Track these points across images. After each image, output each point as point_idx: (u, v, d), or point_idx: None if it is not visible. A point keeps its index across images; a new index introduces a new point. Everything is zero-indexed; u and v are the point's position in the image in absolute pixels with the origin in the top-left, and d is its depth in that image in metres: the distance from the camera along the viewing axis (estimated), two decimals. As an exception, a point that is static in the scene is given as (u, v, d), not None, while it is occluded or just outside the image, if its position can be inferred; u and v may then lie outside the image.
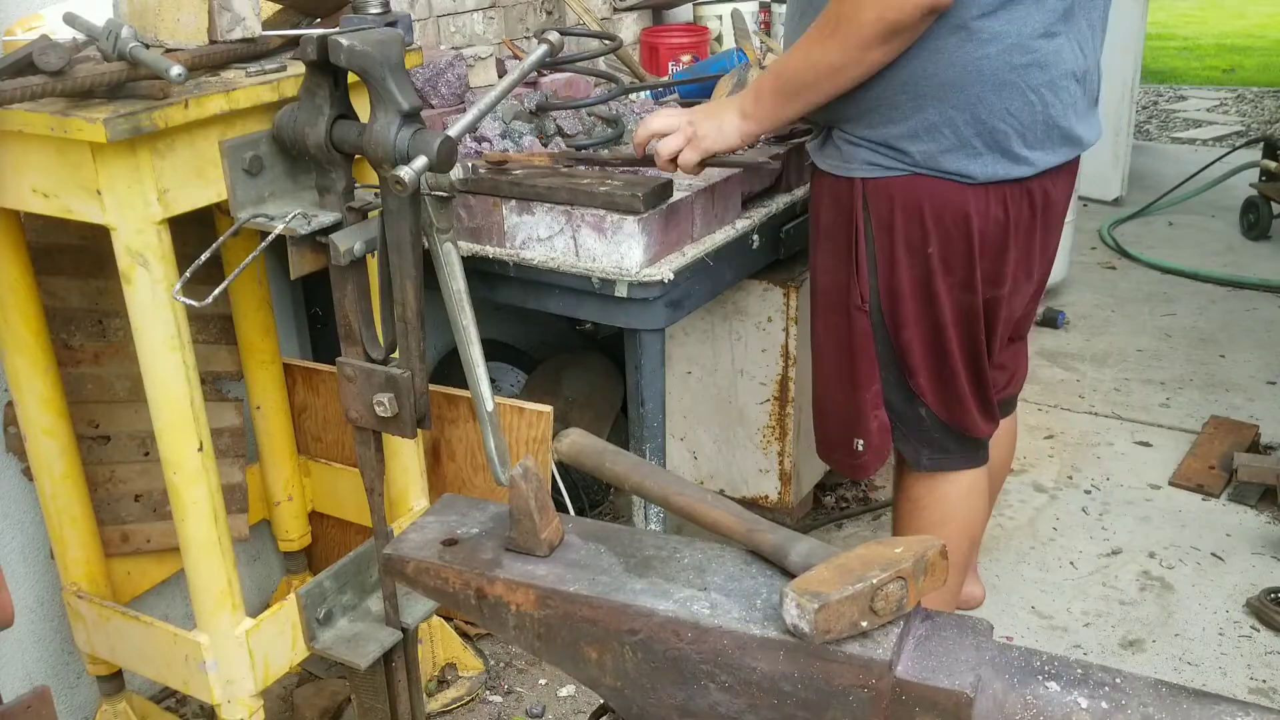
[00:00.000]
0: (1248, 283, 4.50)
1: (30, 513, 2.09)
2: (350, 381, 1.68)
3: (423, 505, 2.16)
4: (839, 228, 1.89)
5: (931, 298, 1.85)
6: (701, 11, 3.52)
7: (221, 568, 1.73)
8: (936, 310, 1.86)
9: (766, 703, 0.99)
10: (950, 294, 1.85)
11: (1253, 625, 2.53)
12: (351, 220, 1.64)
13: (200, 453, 1.66)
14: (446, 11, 2.81)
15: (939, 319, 1.86)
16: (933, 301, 1.85)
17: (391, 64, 1.49)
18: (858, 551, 1.00)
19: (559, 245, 2.02)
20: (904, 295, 1.85)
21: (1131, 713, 0.92)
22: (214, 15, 1.61)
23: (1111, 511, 2.99)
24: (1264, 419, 3.39)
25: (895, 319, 1.88)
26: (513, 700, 2.35)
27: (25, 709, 1.17)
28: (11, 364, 1.83)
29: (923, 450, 2.01)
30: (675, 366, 2.77)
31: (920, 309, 1.86)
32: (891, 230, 1.82)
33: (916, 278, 1.84)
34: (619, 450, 1.22)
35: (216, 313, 2.24)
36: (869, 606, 0.95)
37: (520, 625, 1.10)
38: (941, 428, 1.97)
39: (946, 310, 1.86)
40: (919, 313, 1.87)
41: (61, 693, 2.21)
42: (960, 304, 1.86)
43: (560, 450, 1.23)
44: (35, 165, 1.55)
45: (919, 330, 1.88)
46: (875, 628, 0.96)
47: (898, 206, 1.80)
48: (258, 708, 1.84)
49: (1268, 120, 7.34)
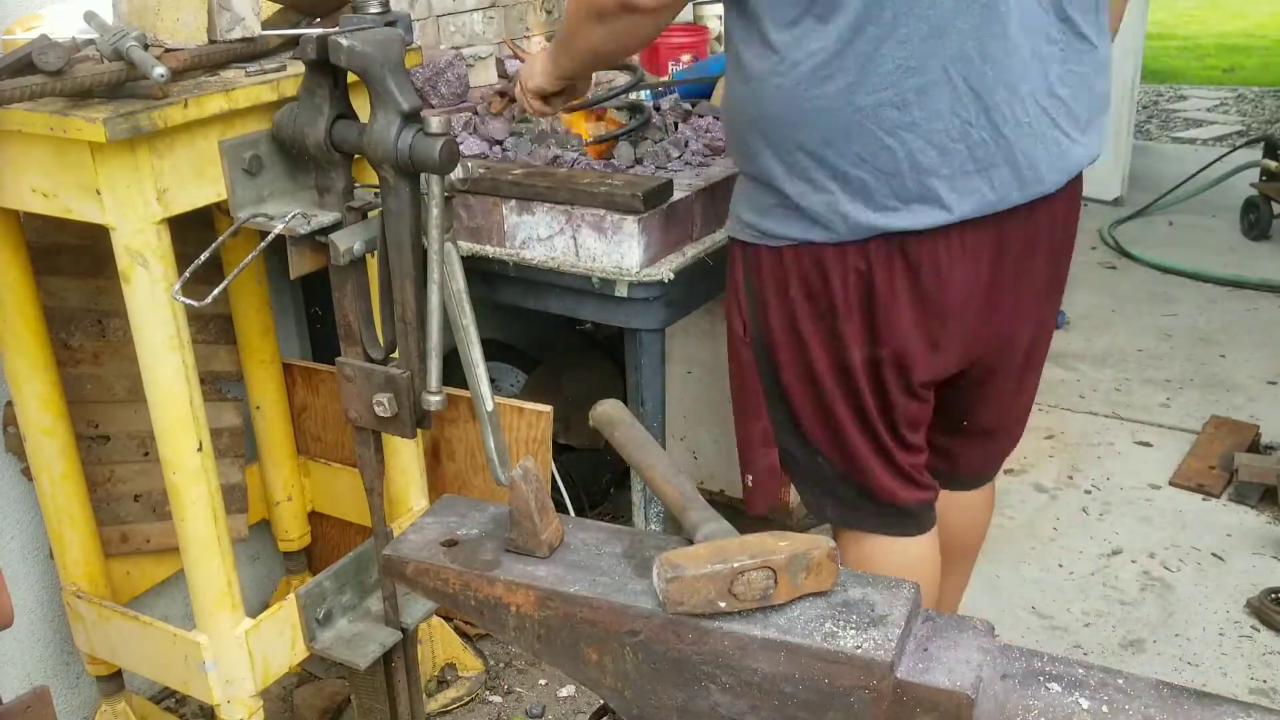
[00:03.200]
0: (1248, 282, 4.50)
1: (30, 513, 2.09)
2: (350, 381, 1.68)
3: (422, 505, 2.16)
4: (729, 256, 1.77)
5: (800, 342, 1.68)
6: (701, 11, 3.52)
7: (221, 568, 1.73)
8: (808, 355, 1.69)
9: (767, 704, 0.99)
10: (822, 344, 1.67)
11: (1253, 625, 2.53)
12: (351, 220, 1.64)
13: (200, 453, 1.66)
14: (446, 11, 2.80)
15: (812, 365, 1.69)
16: (802, 346, 1.68)
17: (391, 64, 1.49)
18: (747, 537, 1.02)
19: (559, 245, 2.01)
20: (775, 332, 1.71)
21: (1133, 714, 0.91)
22: (214, 15, 1.61)
23: (1112, 511, 2.99)
24: (1264, 419, 3.38)
25: (772, 359, 1.73)
26: (512, 700, 2.35)
27: (25, 709, 1.17)
28: (11, 364, 1.82)
29: (825, 501, 1.84)
30: (675, 366, 2.77)
31: (792, 352, 1.70)
32: (759, 268, 1.68)
33: (784, 320, 1.68)
34: (634, 424, 1.25)
35: (216, 313, 2.24)
36: (728, 589, 0.98)
37: (520, 626, 1.10)
38: (846, 482, 1.78)
39: (819, 358, 1.68)
40: (791, 356, 1.71)
41: (61, 693, 2.21)
42: (831, 356, 1.67)
43: (594, 415, 1.27)
44: (35, 165, 1.55)
45: (795, 373, 1.72)
46: (735, 610, 0.99)
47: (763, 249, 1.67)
48: (257, 708, 1.84)
49: (1268, 120, 7.34)
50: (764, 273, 1.68)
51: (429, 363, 1.59)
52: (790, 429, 1.79)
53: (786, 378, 1.73)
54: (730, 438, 2.74)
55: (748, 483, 1.88)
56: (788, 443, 1.81)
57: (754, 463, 1.86)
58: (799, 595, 1.00)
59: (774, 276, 1.67)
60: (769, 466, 1.84)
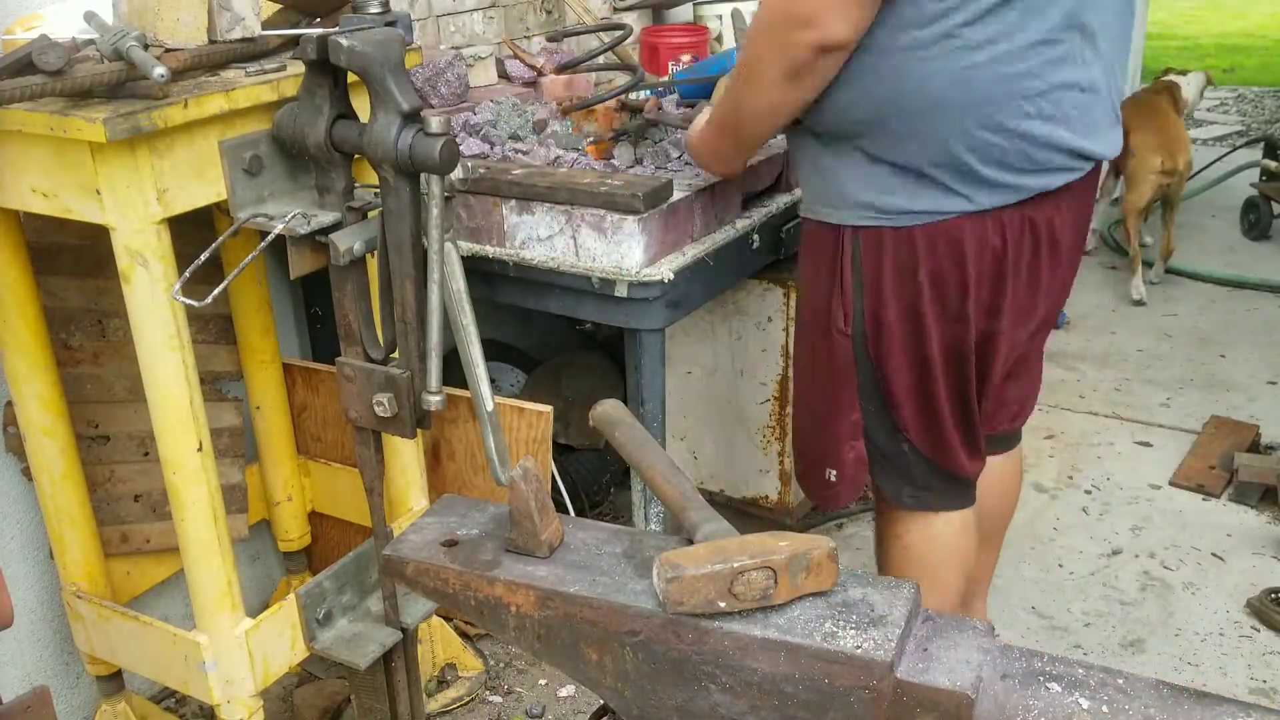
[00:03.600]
0: (1248, 282, 4.50)
1: (30, 513, 2.09)
2: (350, 381, 1.68)
3: (422, 505, 2.16)
4: (822, 246, 1.77)
5: (919, 328, 1.72)
6: (701, 11, 3.52)
7: (221, 568, 1.73)
8: (924, 342, 1.73)
9: (767, 704, 0.99)
10: (939, 325, 1.72)
11: (1253, 625, 2.53)
12: (351, 220, 1.64)
13: (200, 453, 1.66)
14: (446, 11, 2.80)
15: (926, 351, 1.74)
16: (920, 332, 1.73)
17: (391, 64, 1.49)
18: (747, 537, 1.02)
19: (559, 245, 2.01)
20: (890, 323, 1.73)
21: (1133, 714, 0.91)
22: (214, 15, 1.61)
23: (1112, 511, 2.99)
24: (1264, 419, 3.38)
25: (879, 347, 1.76)
26: (512, 700, 2.35)
27: (25, 709, 1.17)
28: (11, 364, 1.82)
29: (904, 487, 1.88)
30: (675, 366, 2.77)
31: (907, 339, 1.74)
32: (880, 255, 1.70)
33: (905, 306, 1.72)
34: (634, 424, 1.26)
35: (216, 313, 2.24)
36: (728, 589, 0.98)
37: (520, 626, 1.10)
38: (926, 465, 1.85)
39: (934, 343, 1.73)
40: (905, 343, 1.74)
41: (61, 693, 2.21)
42: (949, 337, 1.73)
43: (594, 415, 1.28)
44: (35, 165, 1.55)
45: (904, 361, 1.75)
46: (735, 610, 0.99)
47: (886, 236, 1.69)
48: (257, 708, 1.84)
49: (1268, 120, 7.34)
50: (885, 258, 1.70)
51: (429, 363, 1.59)
52: (880, 418, 1.82)
53: (892, 365, 1.76)
54: (730, 438, 2.76)
55: (829, 477, 1.88)
56: (874, 433, 1.85)
57: (841, 457, 1.87)
58: (799, 595, 1.00)
59: (897, 260, 1.69)
60: (857, 458, 1.87)
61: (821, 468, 1.90)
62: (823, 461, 1.89)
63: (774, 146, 2.36)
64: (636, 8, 3.37)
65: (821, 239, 1.78)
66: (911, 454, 1.84)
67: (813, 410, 1.91)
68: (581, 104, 2.35)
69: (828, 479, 1.89)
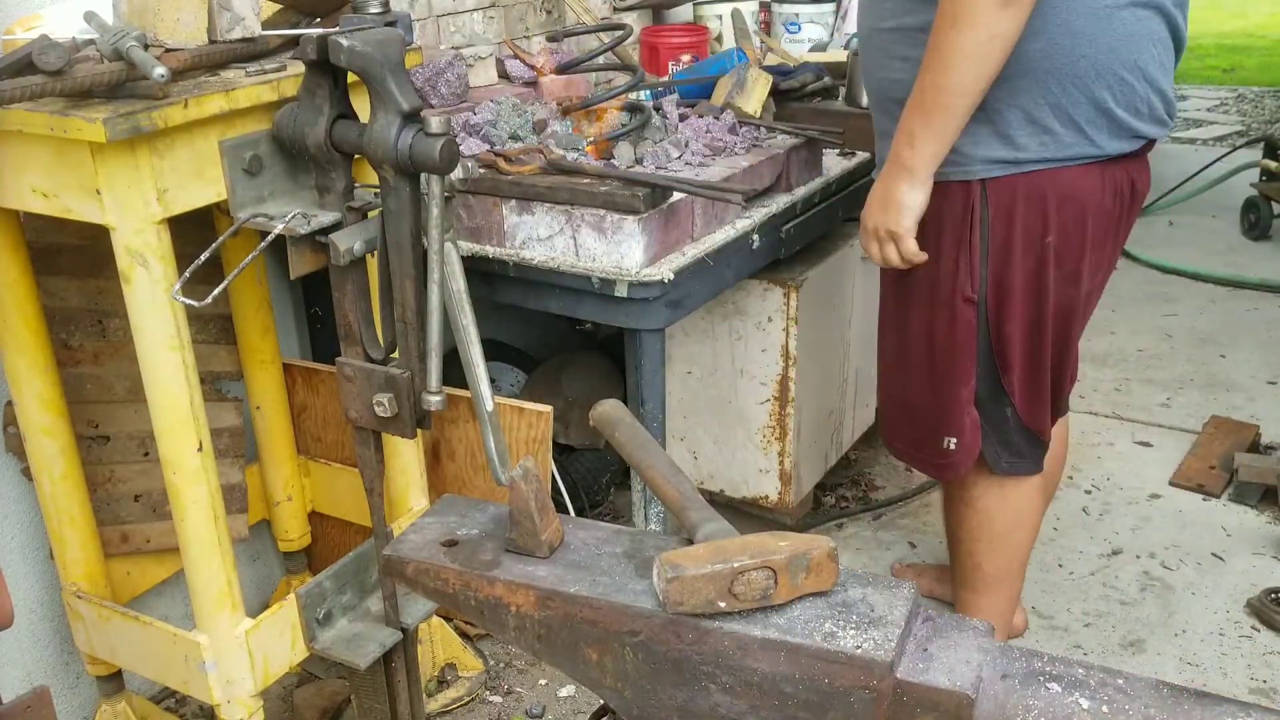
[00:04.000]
0: (1248, 283, 4.50)
1: (30, 513, 2.09)
2: (350, 381, 1.68)
3: (422, 505, 2.16)
4: (949, 211, 1.79)
5: (1040, 291, 1.78)
6: (701, 11, 3.52)
7: (221, 568, 1.73)
8: (1042, 304, 1.79)
9: (767, 704, 0.99)
10: (1058, 287, 1.78)
11: (1253, 625, 2.53)
12: (351, 220, 1.64)
13: (200, 453, 1.66)
14: (446, 11, 2.81)
15: (1042, 313, 1.79)
16: (1040, 295, 1.78)
17: (391, 64, 1.49)
18: (747, 537, 1.02)
19: (559, 245, 2.01)
20: (1014, 288, 1.78)
21: (1133, 714, 0.91)
22: (214, 15, 1.61)
23: (1112, 511, 2.99)
24: (1264, 419, 3.39)
25: (1000, 313, 1.80)
26: (513, 700, 2.35)
27: (25, 709, 1.17)
28: (11, 364, 1.82)
29: (1002, 453, 1.92)
30: (675, 366, 2.77)
31: (1027, 302, 1.79)
32: (1011, 219, 1.74)
33: (1030, 269, 1.76)
34: (634, 424, 1.26)
35: (216, 313, 2.24)
36: (728, 589, 0.98)
37: (520, 626, 1.10)
38: (1022, 430, 1.90)
39: (1050, 304, 1.78)
40: (1025, 306, 1.79)
41: (61, 693, 2.21)
42: (1063, 297, 1.79)
43: (594, 415, 1.28)
44: (35, 165, 1.54)
45: (1021, 325, 1.80)
46: (735, 610, 0.99)
47: (1020, 195, 1.72)
48: (257, 708, 1.84)
49: (1268, 120, 7.34)
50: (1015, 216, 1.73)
51: (429, 363, 1.59)
52: (992, 384, 1.85)
53: (1009, 329, 1.79)
54: (730, 438, 2.76)
55: (949, 446, 1.89)
56: (983, 398, 1.87)
57: (961, 423, 1.89)
58: (799, 595, 1.00)
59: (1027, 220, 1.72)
60: (973, 424, 1.89)
61: (939, 438, 1.91)
62: (940, 431, 1.91)
63: (774, 146, 2.36)
64: (636, 8, 3.37)
65: (945, 205, 1.78)
66: (1013, 419, 1.87)
67: (929, 381, 1.91)
68: (582, 104, 2.35)
69: (946, 448, 1.90)
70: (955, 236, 1.78)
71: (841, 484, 3.11)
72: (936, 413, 1.91)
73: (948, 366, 1.86)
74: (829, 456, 2.92)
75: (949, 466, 1.94)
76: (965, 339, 1.82)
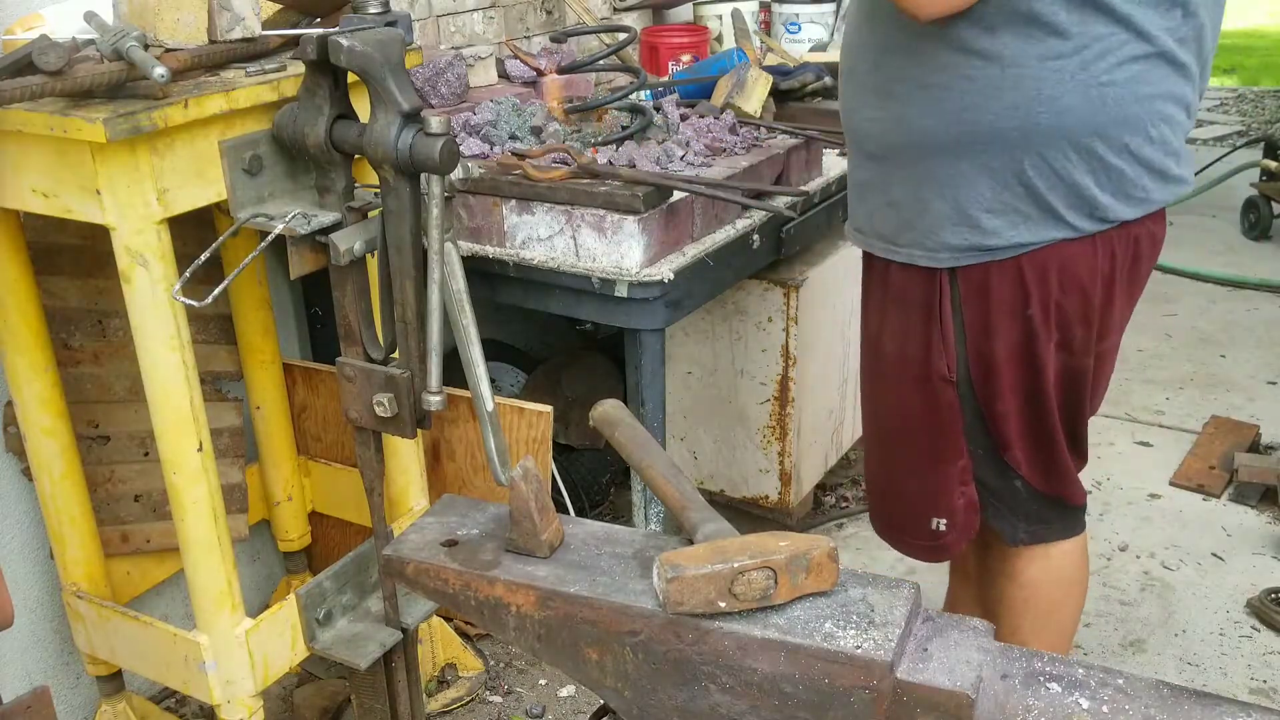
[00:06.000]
0: (1248, 283, 4.50)
1: (30, 513, 2.09)
2: (350, 381, 1.68)
3: (423, 505, 2.16)
4: (915, 290, 1.67)
5: (1032, 364, 1.64)
6: (701, 11, 3.52)
7: (221, 568, 1.73)
8: (1038, 377, 1.65)
9: (767, 704, 0.99)
10: (1055, 356, 1.64)
11: (1253, 625, 2.53)
12: (351, 220, 1.64)
13: (200, 453, 1.66)
14: (446, 11, 2.81)
15: (1039, 386, 1.66)
16: (1034, 368, 1.65)
17: (391, 64, 1.49)
18: (747, 537, 1.02)
19: (559, 245, 2.01)
20: (999, 363, 1.64)
21: (1133, 714, 0.91)
22: (214, 15, 1.61)
23: (1112, 511, 2.99)
24: (1264, 419, 3.38)
25: (988, 390, 1.67)
26: (513, 700, 2.35)
27: (25, 709, 1.17)
28: (11, 364, 1.82)
29: (1019, 524, 1.79)
30: (675, 366, 2.77)
31: (1019, 378, 1.66)
32: (985, 294, 1.61)
33: (1014, 343, 1.63)
34: (634, 424, 1.26)
35: (216, 313, 2.24)
36: (728, 589, 0.98)
37: (520, 626, 1.10)
38: (1038, 498, 1.77)
39: (1049, 374, 1.65)
40: (1017, 382, 1.66)
41: (61, 693, 2.21)
42: (1065, 366, 1.66)
43: (594, 415, 1.28)
44: (35, 165, 1.55)
45: (1016, 401, 1.67)
46: (735, 610, 0.99)
47: (993, 271, 1.60)
48: (257, 708, 1.84)
49: (1268, 120, 7.33)
50: (990, 296, 1.61)
51: (429, 363, 1.59)
52: (990, 459, 1.73)
53: (1001, 407, 1.67)
54: (730, 438, 2.76)
55: (939, 527, 1.78)
56: (983, 474, 1.76)
57: (951, 504, 1.77)
58: (799, 595, 1.00)
59: (1004, 296, 1.60)
60: (968, 504, 1.77)
61: (925, 519, 1.79)
62: (927, 513, 1.79)
63: (774, 147, 2.36)
64: (636, 8, 3.37)
65: (911, 284, 1.67)
66: (1024, 489, 1.75)
67: (909, 463, 1.79)
68: (582, 105, 2.35)
69: (935, 529, 1.78)
70: (923, 317, 1.67)
71: (841, 484, 3.11)
72: (921, 494, 1.79)
73: (929, 448, 1.75)
74: (829, 456, 2.92)
75: (940, 548, 1.83)
76: (949, 419, 1.71)
